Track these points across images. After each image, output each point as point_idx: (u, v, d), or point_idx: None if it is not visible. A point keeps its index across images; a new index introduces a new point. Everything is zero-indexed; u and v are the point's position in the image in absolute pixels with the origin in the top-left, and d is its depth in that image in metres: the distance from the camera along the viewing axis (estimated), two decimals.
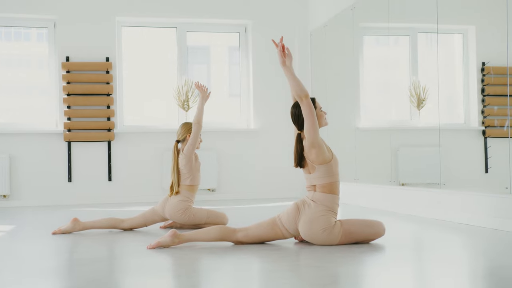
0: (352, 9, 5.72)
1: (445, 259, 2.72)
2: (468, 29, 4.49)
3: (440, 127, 4.92)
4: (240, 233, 3.11)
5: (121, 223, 3.83)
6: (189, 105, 6.65)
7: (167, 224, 4.04)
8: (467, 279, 2.35)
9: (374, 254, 2.84)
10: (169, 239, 3.02)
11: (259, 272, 2.50)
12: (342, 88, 6.19)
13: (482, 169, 4.48)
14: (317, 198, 3.04)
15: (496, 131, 4.42)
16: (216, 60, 7.20)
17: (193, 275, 2.45)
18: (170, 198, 3.91)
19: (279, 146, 6.83)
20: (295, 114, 3.16)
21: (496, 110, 4.46)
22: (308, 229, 3.02)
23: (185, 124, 4.03)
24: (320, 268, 2.49)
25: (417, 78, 5.09)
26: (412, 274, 2.48)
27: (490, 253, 2.94)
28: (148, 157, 6.50)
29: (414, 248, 3.14)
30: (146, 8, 6.61)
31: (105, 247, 3.26)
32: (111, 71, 6.44)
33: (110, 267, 2.66)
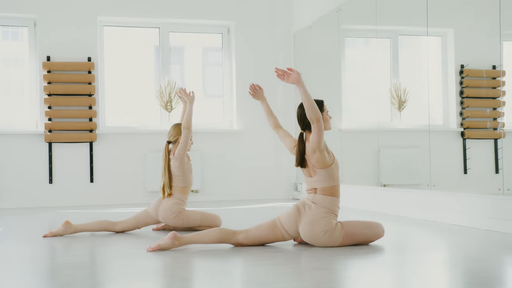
0: (338, 11, 5.85)
1: (445, 261, 2.85)
2: (447, 32, 4.64)
3: (420, 129, 5.08)
4: (240, 235, 3.14)
5: (113, 226, 3.84)
6: (172, 106, 6.73)
7: (159, 227, 4.05)
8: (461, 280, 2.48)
9: (378, 255, 2.90)
10: (170, 242, 3.05)
11: (263, 275, 2.51)
12: (325, 90, 6.32)
13: (461, 170, 4.63)
14: (318, 200, 3.10)
15: (475, 133, 4.58)
16: (195, 61, 7.29)
17: (189, 279, 2.49)
18: (163, 201, 3.92)
19: (263, 147, 6.95)
20: (302, 114, 3.23)
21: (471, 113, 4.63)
22: (309, 231, 3.07)
23: (177, 125, 4.03)
24: (326, 271, 2.54)
25: (398, 80, 5.24)
26: (415, 275, 2.55)
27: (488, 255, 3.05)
28: (130, 159, 6.57)
29: (414, 250, 3.19)
30: (129, 8, 6.67)
31: (96, 250, 3.28)
32: (93, 71, 6.50)
33: (98, 271, 2.70)
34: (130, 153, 6.57)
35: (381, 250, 3.03)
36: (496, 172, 4.40)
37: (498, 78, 4.45)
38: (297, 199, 6.77)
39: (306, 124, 3.20)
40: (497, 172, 4.39)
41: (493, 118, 4.53)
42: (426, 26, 5.00)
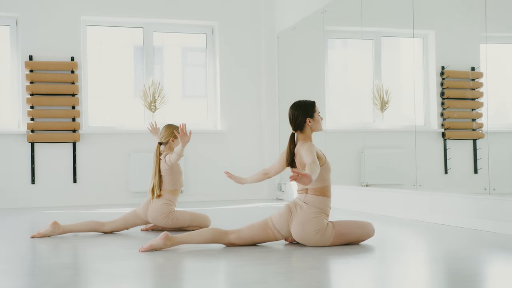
0: (323, 13, 5.93)
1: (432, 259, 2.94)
2: (428, 34, 4.75)
3: (402, 129, 5.19)
4: (232, 235, 3.18)
5: (102, 226, 3.86)
6: (156, 106, 6.78)
7: (148, 227, 4.07)
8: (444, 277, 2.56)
9: (369, 254, 2.96)
10: (162, 242, 3.08)
11: (256, 275, 2.53)
12: (309, 91, 6.41)
13: (442, 170, 4.74)
14: (309, 200, 3.15)
15: (455, 133, 4.69)
16: (176, 61, 7.33)
17: (182, 279, 2.51)
18: (152, 201, 3.95)
19: (246, 147, 7.02)
20: (293, 115, 3.26)
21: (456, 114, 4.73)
22: (301, 231, 3.12)
23: (169, 126, 4.06)
24: (319, 270, 2.60)
25: (380, 81, 5.34)
26: (406, 273, 2.63)
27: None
28: (114, 159, 6.60)
29: (404, 249, 3.26)
30: (112, 8, 6.70)
31: (87, 251, 3.29)
32: (76, 71, 6.52)
33: (91, 271, 2.71)
34: (113, 153, 6.61)
35: (372, 250, 3.09)
36: (475, 172, 4.52)
37: (477, 79, 4.57)
38: (280, 199, 6.85)
39: (298, 124, 3.24)
40: (476, 172, 4.51)
41: (472, 119, 4.65)
42: (408, 28, 5.10)
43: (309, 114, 3.25)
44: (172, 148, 4.07)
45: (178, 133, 3.84)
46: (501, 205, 3.60)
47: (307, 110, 3.26)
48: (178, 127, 4.05)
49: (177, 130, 4.03)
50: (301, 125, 3.23)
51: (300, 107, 3.26)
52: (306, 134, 3.24)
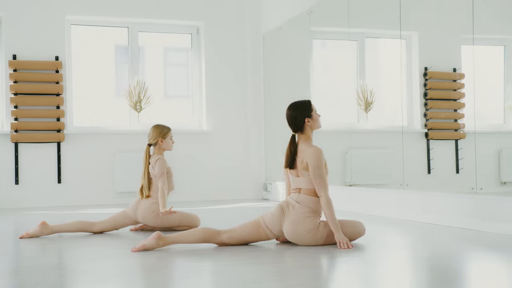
0: (309, 13, 6.00)
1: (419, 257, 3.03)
2: (411, 35, 4.84)
3: (385, 130, 5.28)
4: (224, 235, 3.21)
5: (91, 226, 3.86)
6: (141, 106, 6.80)
7: (138, 227, 4.08)
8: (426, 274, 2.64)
9: (360, 253, 3.01)
10: (154, 242, 3.10)
11: (250, 274, 2.56)
12: (294, 91, 6.48)
13: (425, 170, 4.83)
14: (302, 200, 3.19)
15: (438, 134, 4.79)
16: (161, 61, 7.36)
17: (176, 278, 2.53)
18: (142, 201, 3.98)
19: (232, 147, 7.07)
20: (292, 117, 3.29)
21: (443, 115, 4.82)
22: (293, 230, 3.15)
23: (157, 127, 4.08)
24: (313, 269, 2.64)
25: (365, 82, 5.43)
26: (395, 271, 2.70)
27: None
28: (99, 159, 6.62)
29: (393, 248, 3.33)
30: (97, 7, 6.72)
31: (78, 251, 3.29)
32: (60, 70, 6.52)
33: (83, 272, 2.70)
34: (98, 153, 6.62)
35: (363, 248, 3.14)
36: (457, 172, 4.61)
37: (459, 80, 4.67)
38: (266, 199, 6.92)
39: (297, 126, 3.28)
40: (458, 172, 4.61)
41: (454, 119, 4.75)
42: (392, 29, 5.19)
43: (307, 113, 3.28)
44: (162, 149, 4.10)
45: (164, 138, 3.94)
46: (488, 204, 3.69)
47: (304, 110, 3.29)
48: (166, 128, 4.08)
49: (165, 131, 4.07)
50: (301, 126, 3.27)
51: (297, 107, 3.29)
52: (306, 135, 3.29)
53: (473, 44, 3.99)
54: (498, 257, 2.99)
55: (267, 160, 7.04)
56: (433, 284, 2.36)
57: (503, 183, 4.29)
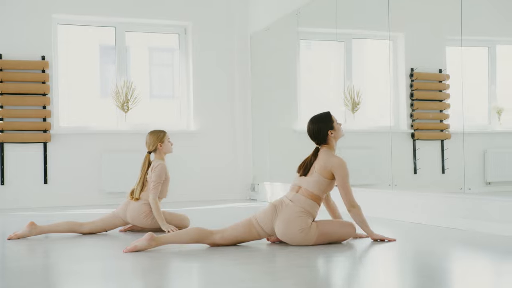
0: (297, 14, 6.04)
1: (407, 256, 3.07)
2: (397, 36, 4.89)
3: (372, 130, 5.33)
4: (216, 235, 3.22)
5: (80, 227, 3.85)
6: (129, 106, 6.80)
7: (127, 228, 4.07)
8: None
9: (352, 253, 3.05)
10: (146, 243, 3.10)
11: (244, 274, 2.57)
12: (282, 91, 6.52)
13: (411, 170, 4.88)
14: (297, 199, 3.22)
15: (424, 134, 4.85)
16: (146, 61, 7.37)
17: (168, 279, 2.53)
18: (130, 202, 3.98)
19: (220, 148, 7.10)
20: (315, 131, 3.35)
21: (431, 115, 4.88)
22: (285, 229, 3.17)
23: (152, 133, 4.09)
24: (306, 268, 2.66)
25: (352, 82, 5.48)
26: (383, 269, 2.75)
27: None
28: (86, 159, 6.61)
29: (381, 247, 3.33)
30: (84, 6, 6.71)
31: (68, 252, 3.27)
32: (47, 70, 6.51)
33: (74, 273, 2.69)
34: (85, 153, 6.61)
35: (352, 248, 3.18)
36: (442, 172, 4.67)
37: (444, 81, 4.74)
38: (253, 199, 6.95)
39: (321, 138, 3.34)
40: (444, 172, 4.66)
41: (440, 120, 4.81)
42: (378, 30, 5.25)
43: (329, 126, 3.35)
44: (162, 153, 4.10)
45: (162, 142, 4.05)
46: (476, 204, 3.75)
47: (326, 123, 3.35)
48: (162, 132, 4.10)
49: (162, 135, 4.09)
50: (325, 138, 3.33)
51: (318, 121, 3.36)
52: (330, 145, 3.35)
53: (461, 46, 4.04)
54: (485, 256, 3.05)
55: (255, 160, 7.08)
56: (419, 283, 2.40)
57: (487, 183, 4.35)
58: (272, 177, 6.59)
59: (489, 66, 4.32)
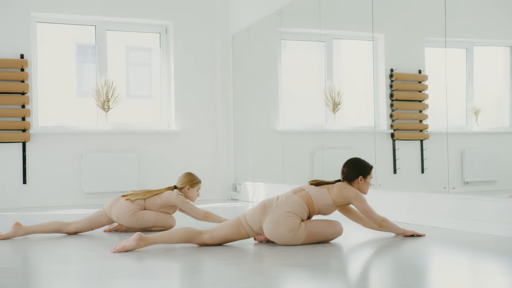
0: (280, 14, 6.07)
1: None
2: (377, 37, 4.95)
3: (353, 130, 5.39)
4: (205, 234, 3.23)
5: (65, 227, 3.82)
6: (109, 106, 6.78)
7: (112, 227, 4.05)
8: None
9: (340, 253, 3.09)
10: (135, 243, 3.10)
11: (235, 274, 2.58)
12: (263, 91, 6.56)
13: (391, 170, 4.95)
14: (291, 200, 3.24)
15: (403, 134, 4.91)
16: (127, 60, 7.35)
17: (162, 279, 2.52)
18: (119, 199, 3.97)
19: (201, 148, 7.11)
20: (351, 165, 3.44)
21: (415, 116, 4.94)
22: (274, 229, 3.18)
23: (189, 174, 4.13)
24: (299, 268, 2.68)
25: (332, 83, 5.53)
26: (371, 267, 2.80)
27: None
28: (65, 159, 6.58)
29: (368, 247, 3.38)
30: (64, 5, 6.67)
31: (56, 252, 3.25)
32: (26, 68, 6.46)
33: (64, 274, 2.66)
34: (65, 153, 6.58)
35: (340, 248, 3.21)
36: (422, 172, 4.74)
37: (423, 82, 4.81)
38: (235, 199, 6.97)
39: (350, 176, 3.40)
40: (423, 172, 4.73)
41: (419, 120, 4.88)
42: (359, 31, 5.30)
43: (365, 173, 3.41)
44: (187, 195, 4.11)
45: (192, 187, 4.11)
46: (459, 204, 3.82)
47: (364, 169, 3.42)
48: (197, 179, 4.16)
49: (196, 181, 4.15)
50: (352, 179, 3.38)
51: (360, 163, 3.44)
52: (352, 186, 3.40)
53: (445, 47, 4.11)
54: (468, 255, 3.13)
55: (236, 160, 7.10)
56: (398, 281, 2.44)
57: (465, 183, 4.43)
58: (254, 177, 6.62)
59: (466, 67, 4.39)
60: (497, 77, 4.42)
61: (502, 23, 4.37)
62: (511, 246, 3.22)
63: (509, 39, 4.34)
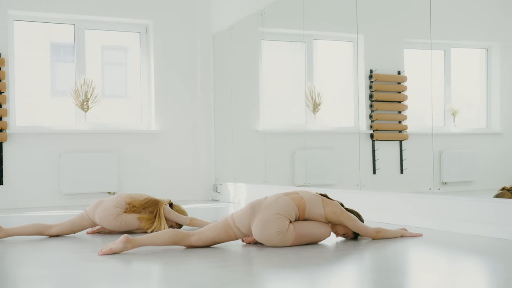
0: (262, 14, 6.09)
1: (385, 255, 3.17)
2: (357, 38, 5.00)
3: (333, 131, 5.44)
4: (193, 236, 3.23)
5: (48, 229, 3.80)
6: (89, 106, 6.75)
7: (94, 230, 4.03)
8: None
9: (330, 254, 3.12)
10: (122, 245, 3.08)
11: (227, 277, 2.56)
12: (244, 91, 6.58)
13: (370, 170, 5.00)
14: (283, 201, 3.25)
15: (382, 135, 4.97)
16: (103, 59, 7.33)
17: (155, 281, 2.53)
18: (103, 201, 3.95)
19: (182, 148, 7.11)
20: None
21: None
22: (263, 230, 3.19)
23: (180, 209, 4.17)
24: (292, 270, 2.69)
25: (313, 83, 5.57)
26: (361, 266, 2.83)
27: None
28: (44, 160, 6.54)
29: (355, 247, 3.39)
30: (42, 3, 6.63)
31: (44, 255, 3.22)
32: (3, 67, 6.41)
33: (52, 277, 2.66)
34: (43, 154, 6.54)
35: (328, 249, 3.24)
36: (401, 172, 4.80)
37: (402, 83, 4.87)
38: (216, 200, 6.99)
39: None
40: (402, 172, 4.80)
41: (398, 121, 4.94)
42: (339, 31, 5.35)
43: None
44: (167, 213, 4.08)
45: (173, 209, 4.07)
46: (443, 204, 3.89)
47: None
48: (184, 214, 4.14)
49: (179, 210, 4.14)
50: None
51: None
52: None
53: (431, 49, 4.16)
54: (448, 254, 3.19)
55: (217, 161, 7.12)
56: (377, 280, 2.49)
57: (444, 183, 4.49)
58: (236, 178, 6.64)
59: (444, 69, 4.46)
60: (474, 78, 4.50)
61: (479, 26, 4.45)
62: (492, 245, 3.30)
63: (485, 41, 4.42)
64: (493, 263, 2.83)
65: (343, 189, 5.01)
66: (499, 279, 2.50)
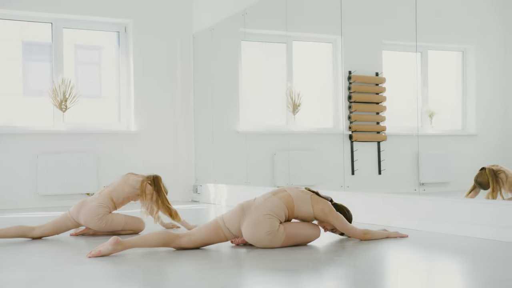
0: (244, 15, 6.12)
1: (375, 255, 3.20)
2: (337, 39, 5.06)
3: (312, 132, 5.50)
4: (183, 238, 3.23)
5: (31, 231, 3.76)
6: (67, 106, 6.72)
7: (78, 231, 4.00)
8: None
9: (320, 255, 3.13)
10: (111, 247, 3.08)
11: (220, 279, 2.56)
12: (224, 92, 6.61)
13: (349, 171, 5.06)
14: (271, 201, 3.28)
15: (361, 136, 5.04)
16: (82, 59, 7.30)
17: (147, 283, 2.52)
18: (87, 202, 3.91)
19: (161, 148, 7.12)
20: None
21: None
22: (253, 231, 3.21)
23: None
24: (287, 272, 2.70)
25: (292, 84, 5.62)
26: (356, 267, 2.86)
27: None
28: (21, 161, 6.49)
29: (345, 247, 3.42)
30: (19, 0, 6.57)
31: (32, 259, 3.16)
32: None
33: (43, 279, 2.61)
34: (20, 154, 6.50)
35: (318, 250, 3.27)
36: (379, 173, 4.87)
37: (381, 84, 4.94)
38: (196, 201, 7.00)
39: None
40: (380, 173, 4.86)
41: (376, 122, 5.01)
42: (319, 33, 5.41)
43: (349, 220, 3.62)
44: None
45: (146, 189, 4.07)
46: (428, 205, 3.96)
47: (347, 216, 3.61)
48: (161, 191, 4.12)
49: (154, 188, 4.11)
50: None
51: (344, 210, 3.59)
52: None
53: (416, 51, 4.22)
54: (426, 254, 3.24)
55: (197, 161, 7.13)
56: (366, 283, 2.53)
57: (421, 184, 4.57)
58: (216, 179, 6.67)
59: (421, 70, 4.54)
60: (450, 81, 4.58)
61: (455, 28, 4.54)
62: (470, 245, 3.36)
63: (461, 43, 4.51)
64: (479, 264, 2.85)
65: (324, 190, 5.06)
66: (482, 279, 2.54)
